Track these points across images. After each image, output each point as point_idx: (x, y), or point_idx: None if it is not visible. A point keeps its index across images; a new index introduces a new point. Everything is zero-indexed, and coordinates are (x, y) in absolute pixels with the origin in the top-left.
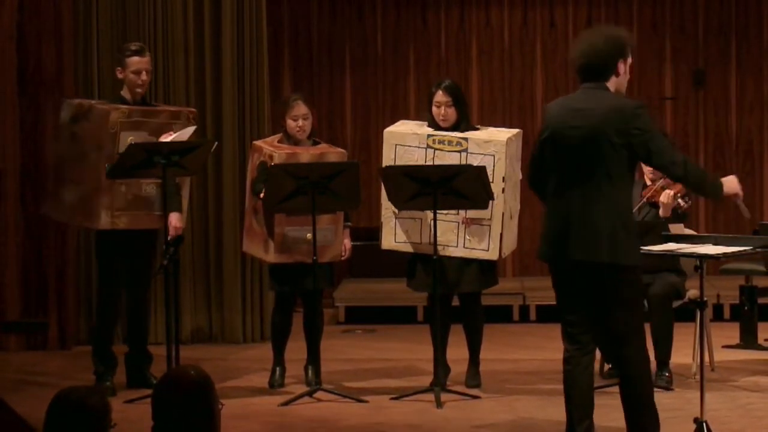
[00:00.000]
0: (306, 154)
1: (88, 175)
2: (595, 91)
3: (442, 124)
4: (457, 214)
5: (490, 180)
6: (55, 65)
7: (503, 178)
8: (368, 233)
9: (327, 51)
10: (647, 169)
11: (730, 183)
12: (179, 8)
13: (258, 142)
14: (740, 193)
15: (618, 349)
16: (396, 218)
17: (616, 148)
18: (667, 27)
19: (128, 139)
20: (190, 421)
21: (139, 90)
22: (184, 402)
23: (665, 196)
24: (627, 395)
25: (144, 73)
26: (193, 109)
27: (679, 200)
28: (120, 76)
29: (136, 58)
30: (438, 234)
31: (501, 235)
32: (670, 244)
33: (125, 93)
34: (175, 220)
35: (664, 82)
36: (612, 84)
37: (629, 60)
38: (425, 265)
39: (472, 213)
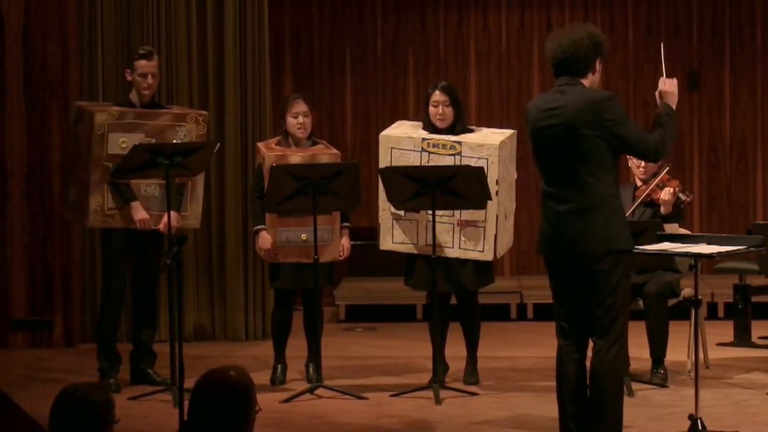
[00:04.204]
0: (296, 156)
1: (83, 174)
2: (568, 87)
3: (439, 124)
4: (452, 216)
5: None
6: (60, 67)
7: (497, 180)
8: (368, 233)
9: (328, 54)
10: (638, 171)
11: (672, 96)
12: (182, 12)
13: (260, 144)
14: (673, 90)
15: (600, 341)
16: (393, 219)
17: (593, 141)
18: (662, 30)
19: (119, 140)
20: (223, 421)
21: (145, 92)
22: (220, 402)
23: (666, 194)
24: (594, 399)
25: (150, 76)
26: (203, 112)
27: (680, 195)
28: (129, 78)
29: (143, 62)
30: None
31: (495, 236)
32: (665, 243)
33: (133, 95)
34: (172, 219)
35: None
36: (587, 81)
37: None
38: (423, 264)
39: (466, 215)
